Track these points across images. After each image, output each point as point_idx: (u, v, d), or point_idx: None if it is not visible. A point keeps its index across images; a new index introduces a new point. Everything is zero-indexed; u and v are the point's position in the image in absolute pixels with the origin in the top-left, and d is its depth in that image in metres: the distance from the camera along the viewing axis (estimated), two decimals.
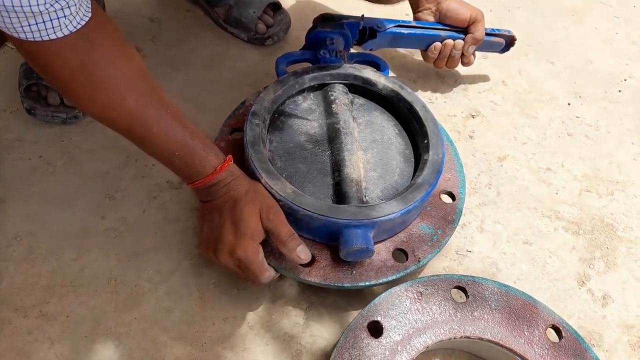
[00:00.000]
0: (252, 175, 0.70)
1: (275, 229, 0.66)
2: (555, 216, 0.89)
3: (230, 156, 0.69)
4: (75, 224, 0.78)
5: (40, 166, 0.84)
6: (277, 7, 1.08)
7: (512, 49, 1.04)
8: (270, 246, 0.70)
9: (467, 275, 0.71)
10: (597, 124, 1.03)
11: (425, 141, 0.76)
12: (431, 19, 0.98)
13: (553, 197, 0.91)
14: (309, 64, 0.88)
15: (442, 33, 0.95)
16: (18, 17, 0.50)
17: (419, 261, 0.72)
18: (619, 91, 1.09)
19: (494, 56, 1.07)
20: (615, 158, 0.98)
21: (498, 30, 1.00)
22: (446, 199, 0.80)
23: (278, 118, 0.79)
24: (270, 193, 0.68)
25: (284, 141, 0.76)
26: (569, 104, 1.06)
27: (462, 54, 0.97)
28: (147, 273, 0.75)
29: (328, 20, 0.89)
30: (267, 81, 0.92)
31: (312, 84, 0.82)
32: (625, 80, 1.12)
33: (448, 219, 0.77)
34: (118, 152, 0.86)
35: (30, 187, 0.81)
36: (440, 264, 0.81)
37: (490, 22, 1.19)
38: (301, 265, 0.69)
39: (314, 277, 0.69)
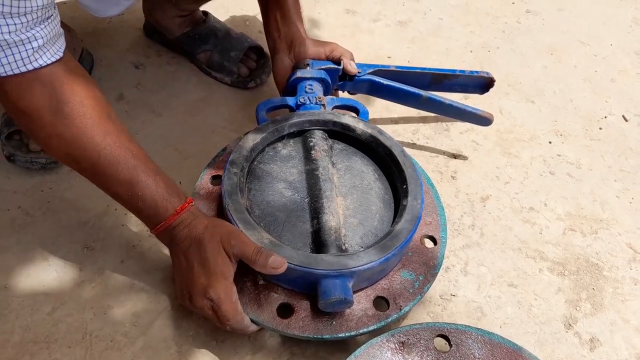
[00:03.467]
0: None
1: (240, 252, 0.65)
2: (540, 257, 0.88)
3: (190, 198, 0.70)
4: (52, 276, 0.77)
5: (18, 217, 0.83)
6: (259, 51, 1.10)
7: (491, 89, 1.05)
8: (248, 297, 0.69)
9: (450, 323, 0.70)
10: (579, 162, 1.03)
11: (405, 186, 0.76)
12: (287, 60, 0.93)
13: (537, 237, 0.91)
14: (289, 110, 0.88)
15: (423, 94, 0.95)
16: None
17: (401, 309, 0.71)
18: (600, 128, 1.11)
19: (475, 96, 1.08)
20: (598, 196, 0.98)
21: (477, 72, 1.02)
22: (428, 243, 0.79)
23: (257, 166, 0.79)
24: None
25: (263, 189, 0.76)
26: (550, 143, 1.07)
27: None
28: (124, 327, 0.73)
29: (307, 66, 0.90)
30: (251, 125, 0.93)
31: (291, 130, 0.82)
32: (605, 117, 1.13)
33: (430, 265, 0.76)
34: (98, 201, 0.86)
35: (8, 239, 0.80)
36: (424, 309, 0.80)
37: (471, 63, 1.22)
38: (280, 316, 0.68)
39: (292, 329, 0.67)
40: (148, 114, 1.00)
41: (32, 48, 0.57)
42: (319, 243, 0.70)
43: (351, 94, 0.99)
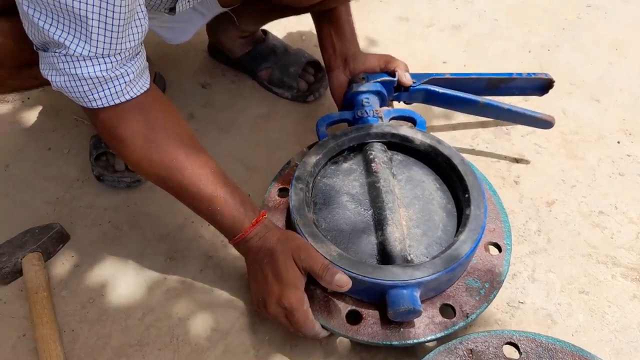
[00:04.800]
0: None
1: (308, 266, 0.69)
2: (612, 262, 0.86)
3: (264, 211, 0.75)
4: (141, 285, 0.85)
5: (109, 231, 0.92)
6: (316, 65, 1.14)
7: (553, 89, 1.03)
8: (318, 304, 0.73)
9: (519, 331, 0.70)
10: None
11: (467, 195, 0.77)
12: (342, 76, 0.97)
13: (608, 241, 0.89)
14: (347, 124, 0.92)
15: (480, 100, 0.95)
16: (88, 85, 0.63)
17: (468, 317, 0.72)
18: None
19: (535, 98, 1.06)
20: None
21: (535, 74, 1.00)
22: (492, 250, 0.80)
23: (321, 180, 0.83)
24: None
25: (328, 203, 0.80)
26: (618, 143, 1.03)
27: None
28: (206, 332, 0.79)
29: (363, 80, 0.93)
30: (311, 138, 0.97)
31: (351, 144, 0.85)
32: None
33: (495, 272, 0.76)
34: (176, 215, 0.93)
35: (101, 251, 0.89)
36: (491, 317, 0.80)
37: (530, 63, 1.20)
38: (349, 323, 0.72)
39: (362, 335, 0.71)
40: (216, 132, 1.06)
41: (125, 82, 0.64)
42: (384, 254, 0.73)
43: (407, 103, 1.01)
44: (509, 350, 0.69)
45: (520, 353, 0.69)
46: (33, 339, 0.77)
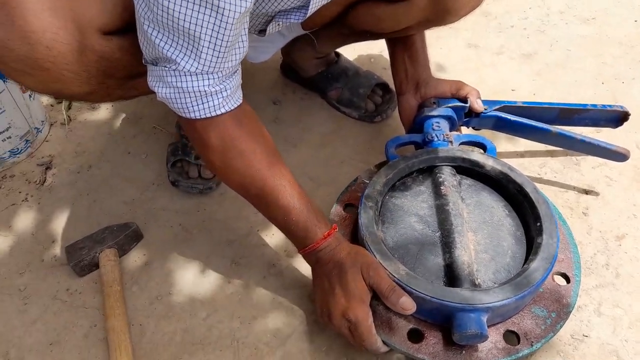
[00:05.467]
0: None
1: (376, 284, 0.71)
2: None
3: (335, 225, 0.77)
4: (206, 286, 0.89)
5: (179, 233, 0.97)
6: (385, 87, 1.17)
7: (626, 122, 1.01)
8: (380, 320, 0.74)
9: None
10: None
11: (538, 224, 0.76)
12: (413, 100, 0.98)
13: None
14: (415, 147, 0.93)
15: (552, 129, 0.95)
16: (191, 98, 0.68)
17: (532, 345, 0.71)
18: None
19: (608, 130, 1.04)
20: None
21: (610, 105, 0.98)
22: (559, 280, 0.79)
23: (389, 200, 0.85)
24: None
25: (396, 222, 0.81)
26: None
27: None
28: (266, 336, 0.82)
29: (434, 104, 0.95)
30: (377, 157, 0.99)
31: (421, 166, 0.87)
32: None
33: (562, 302, 0.75)
34: (243, 223, 0.97)
35: (171, 251, 0.94)
36: (554, 348, 0.78)
37: (602, 95, 1.17)
38: (410, 340, 0.72)
39: (422, 353, 0.71)
40: (285, 146, 1.11)
41: (223, 97, 0.69)
42: (451, 277, 0.73)
43: (476, 129, 1.01)
44: None
45: None
46: (104, 329, 0.82)
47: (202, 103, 0.69)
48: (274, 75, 1.27)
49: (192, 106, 0.69)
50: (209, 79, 0.67)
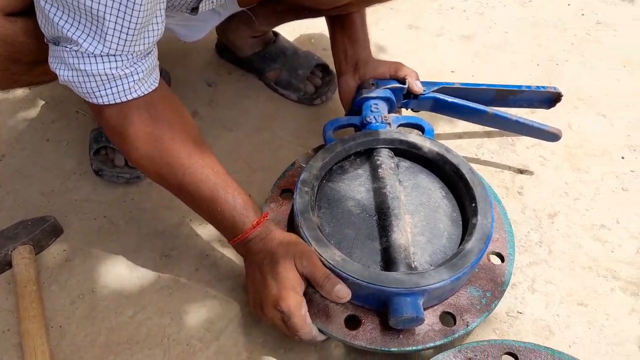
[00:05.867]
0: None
1: (310, 273, 0.68)
2: (612, 276, 0.85)
3: (266, 212, 0.74)
4: (133, 282, 0.83)
5: (104, 226, 0.90)
6: (325, 68, 1.13)
7: (560, 103, 1.03)
8: (316, 308, 0.71)
9: (518, 341, 0.69)
10: None
11: (473, 204, 0.76)
12: (352, 81, 0.95)
13: (609, 255, 0.88)
14: (354, 129, 0.91)
15: (489, 110, 0.95)
16: (96, 82, 0.62)
17: (468, 325, 0.71)
18: None
19: (542, 110, 1.06)
20: None
21: (544, 87, 1.00)
22: (495, 259, 0.79)
23: (326, 184, 0.82)
24: (320, 260, 0.69)
25: (332, 207, 0.79)
26: (622, 158, 1.03)
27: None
28: (198, 332, 0.77)
29: (372, 86, 0.92)
30: (317, 141, 0.96)
31: (358, 149, 0.84)
32: None
33: (497, 281, 0.75)
34: (174, 212, 0.91)
35: (95, 246, 0.87)
36: (490, 326, 0.79)
37: (538, 76, 1.19)
38: (347, 327, 0.70)
39: (360, 340, 0.69)
40: (220, 130, 1.05)
41: (134, 80, 0.63)
42: (388, 261, 0.71)
43: (414, 111, 1.00)
44: None
45: None
46: (18, 333, 0.75)
47: (110, 87, 0.63)
48: (209, 56, 1.20)
49: (99, 91, 0.63)
50: (116, 61, 0.61)
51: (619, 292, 0.83)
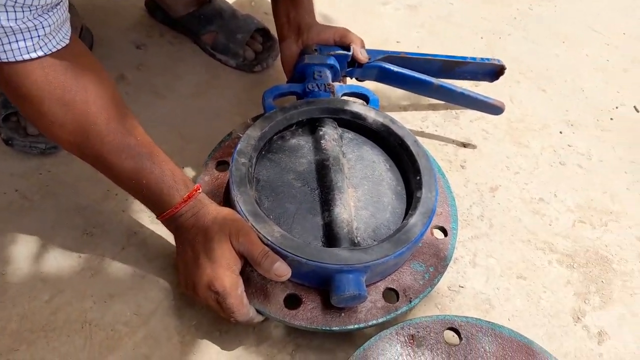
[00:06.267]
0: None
1: (246, 251, 0.63)
2: (549, 249, 0.86)
3: (198, 185, 0.67)
4: (50, 262, 0.75)
5: (15, 200, 0.80)
6: (265, 33, 1.07)
7: (502, 77, 1.02)
8: (254, 287, 0.67)
9: (460, 316, 0.68)
10: (589, 153, 1.01)
11: (418, 178, 0.73)
12: (295, 46, 0.90)
13: (547, 228, 0.89)
14: (296, 97, 0.86)
15: (434, 81, 0.92)
16: None
17: (411, 301, 0.69)
18: (611, 119, 1.08)
19: (485, 84, 1.05)
20: (608, 187, 0.96)
21: (488, 59, 0.99)
22: (438, 234, 0.78)
23: (265, 155, 0.77)
24: (258, 237, 0.65)
25: (272, 180, 0.74)
26: (560, 133, 1.04)
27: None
28: (125, 316, 0.71)
29: (315, 52, 0.87)
30: (256, 110, 0.90)
31: (300, 119, 0.79)
32: (617, 108, 1.11)
33: (440, 256, 0.74)
34: (98, 185, 0.83)
35: (5, 223, 0.78)
36: (432, 301, 0.78)
37: (482, 49, 1.19)
38: (287, 307, 0.66)
39: (300, 320, 0.66)
40: (150, 96, 0.96)
41: (38, 36, 0.54)
42: (330, 236, 0.68)
43: (359, 80, 0.96)
44: (449, 335, 0.67)
45: (460, 338, 0.67)
46: None
47: (9, 43, 0.53)
48: (138, 14, 1.10)
49: None
50: (15, 12, 0.51)
51: (556, 264, 0.84)
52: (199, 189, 0.67)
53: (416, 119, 1.02)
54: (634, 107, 1.11)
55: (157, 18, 1.08)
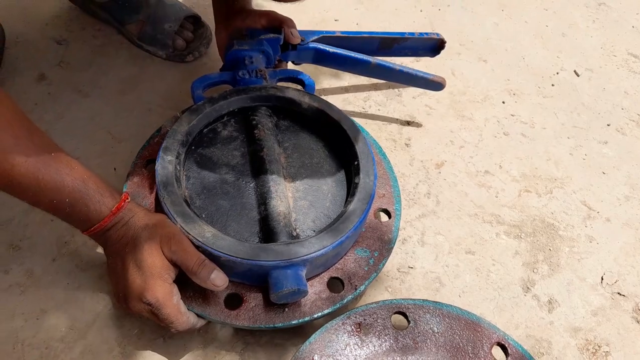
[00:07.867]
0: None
1: (180, 260, 0.60)
2: (497, 221, 0.87)
3: (126, 193, 0.63)
4: None
5: None
6: (196, 20, 1.01)
7: (443, 50, 1.01)
8: (192, 291, 0.64)
9: (407, 299, 0.68)
10: (532, 121, 1.02)
11: (356, 163, 0.71)
12: (224, 33, 0.86)
13: (493, 200, 0.89)
14: (228, 87, 0.82)
15: (372, 60, 0.90)
16: None
17: (356, 289, 0.68)
18: (552, 85, 1.09)
19: (426, 58, 1.04)
20: (552, 154, 0.97)
21: (427, 33, 0.97)
22: (382, 217, 0.76)
23: (195, 151, 0.73)
24: (188, 238, 0.61)
25: (203, 176, 0.70)
26: (503, 103, 1.04)
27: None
28: (59, 331, 0.67)
29: (246, 37, 0.83)
30: (190, 102, 0.86)
31: (231, 108, 0.75)
32: (557, 73, 1.11)
33: (384, 239, 0.73)
34: None
35: None
36: (382, 285, 0.77)
37: (421, 22, 1.17)
38: (228, 308, 0.64)
39: (242, 320, 0.63)
40: (74, 95, 0.91)
41: None
42: (267, 231, 0.65)
43: (296, 64, 0.92)
44: (397, 319, 0.67)
45: (408, 321, 0.66)
46: None
47: None
48: (57, 7, 1.02)
49: None
50: None
51: (504, 236, 0.85)
52: (127, 199, 0.62)
53: (358, 100, 1.00)
54: (574, 71, 1.12)
55: (79, 5, 1.01)
